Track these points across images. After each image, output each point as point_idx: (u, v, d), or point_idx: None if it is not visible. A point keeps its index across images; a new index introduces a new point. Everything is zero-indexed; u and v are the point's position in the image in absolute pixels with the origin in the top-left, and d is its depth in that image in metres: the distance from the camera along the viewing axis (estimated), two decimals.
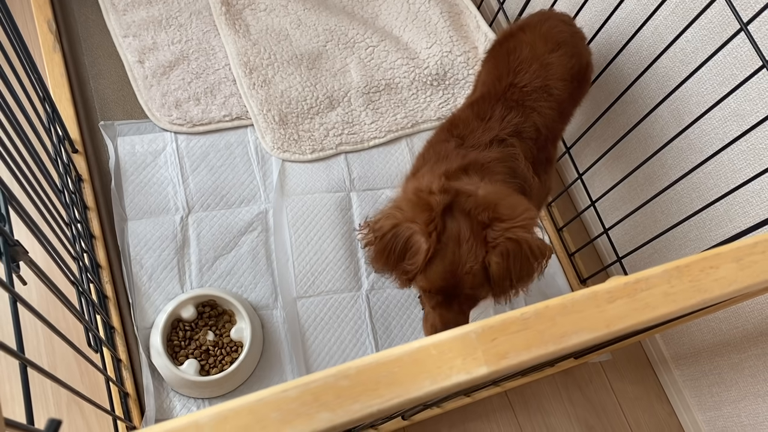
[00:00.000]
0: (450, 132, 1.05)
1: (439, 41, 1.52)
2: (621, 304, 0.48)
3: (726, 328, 1.24)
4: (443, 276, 0.86)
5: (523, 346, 0.45)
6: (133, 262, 1.31)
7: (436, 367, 0.44)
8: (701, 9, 0.99)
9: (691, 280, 0.50)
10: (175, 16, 1.51)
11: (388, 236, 0.89)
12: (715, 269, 0.50)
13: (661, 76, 1.21)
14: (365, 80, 1.49)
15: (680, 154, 1.22)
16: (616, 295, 0.48)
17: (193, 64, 1.47)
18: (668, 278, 0.50)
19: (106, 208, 1.33)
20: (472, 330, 0.45)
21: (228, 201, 1.39)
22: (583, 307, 0.47)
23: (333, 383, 0.42)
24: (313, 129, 1.45)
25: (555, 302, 0.47)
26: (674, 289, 0.49)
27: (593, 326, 0.47)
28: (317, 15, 1.55)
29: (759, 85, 1.02)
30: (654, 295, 0.49)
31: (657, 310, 0.48)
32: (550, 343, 0.46)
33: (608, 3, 1.27)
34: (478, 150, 0.99)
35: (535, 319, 0.46)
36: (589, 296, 0.48)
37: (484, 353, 0.44)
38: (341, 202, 1.42)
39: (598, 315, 0.47)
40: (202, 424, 0.40)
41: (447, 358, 0.44)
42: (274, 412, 0.41)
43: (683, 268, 0.50)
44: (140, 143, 1.40)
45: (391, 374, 0.43)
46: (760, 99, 1.03)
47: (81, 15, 1.49)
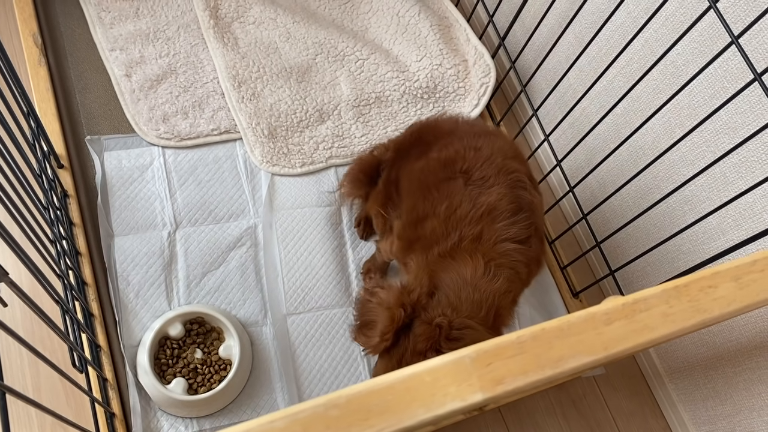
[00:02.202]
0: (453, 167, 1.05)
1: (429, 54, 1.52)
2: (619, 326, 0.47)
3: (720, 342, 1.23)
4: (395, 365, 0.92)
5: (520, 371, 0.44)
6: (120, 279, 1.28)
7: (429, 394, 0.42)
8: (692, 22, 0.99)
9: (690, 300, 0.48)
10: (162, 30, 1.50)
11: (363, 302, 0.97)
12: (714, 288, 0.49)
13: (652, 88, 1.20)
14: (355, 93, 1.48)
15: (673, 167, 1.21)
16: (613, 317, 0.47)
17: (181, 78, 1.46)
18: (667, 298, 0.48)
19: (92, 224, 1.31)
20: (467, 355, 0.44)
21: (216, 216, 1.37)
22: (580, 329, 0.46)
23: (322, 413, 0.40)
24: (303, 142, 1.44)
25: (551, 325, 0.46)
26: (673, 309, 0.48)
27: (591, 349, 0.45)
28: (306, 28, 1.54)
29: (750, 98, 1.02)
30: (653, 316, 0.47)
31: (656, 332, 0.47)
32: (547, 367, 0.44)
33: (599, 16, 1.27)
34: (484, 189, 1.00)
35: (532, 343, 0.45)
36: (586, 318, 0.46)
37: (479, 379, 0.43)
38: (331, 216, 1.40)
39: (595, 338, 0.46)
40: None
41: (441, 385, 0.42)
42: None
43: (682, 288, 0.49)
44: (127, 158, 1.38)
45: (383, 403, 0.41)
46: (751, 111, 1.03)
47: (67, 28, 1.48)
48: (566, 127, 1.45)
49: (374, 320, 0.94)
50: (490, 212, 0.97)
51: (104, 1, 1.50)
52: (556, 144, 1.48)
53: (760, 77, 0.90)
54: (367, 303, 0.96)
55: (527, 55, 1.50)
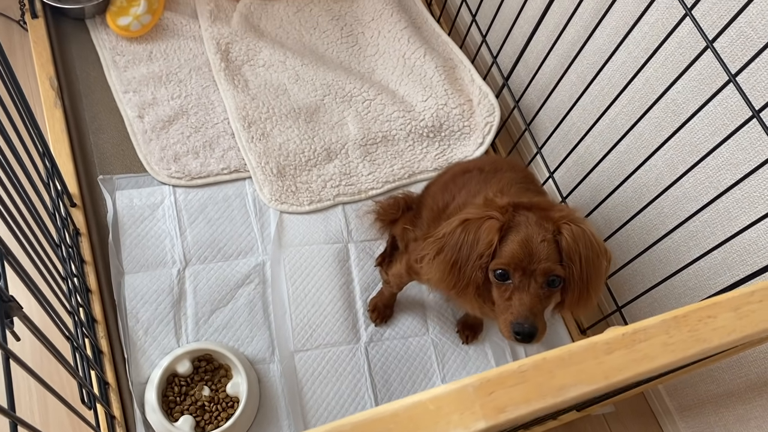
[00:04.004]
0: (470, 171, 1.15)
1: (435, 94, 1.55)
2: (619, 356, 0.47)
3: (729, 378, 1.23)
4: (520, 246, 0.88)
5: (522, 400, 0.44)
6: (129, 316, 1.30)
7: (433, 422, 0.43)
8: (690, 62, 1.02)
9: (689, 330, 0.49)
10: (175, 72, 1.54)
11: (457, 231, 0.91)
12: (713, 318, 0.50)
13: (654, 126, 1.22)
14: (362, 132, 1.51)
15: (677, 203, 1.22)
16: (614, 346, 0.48)
17: (192, 119, 1.49)
18: (666, 328, 0.49)
19: (103, 261, 1.33)
20: (470, 384, 0.44)
21: (225, 253, 1.39)
22: (581, 359, 0.47)
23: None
24: (311, 181, 1.46)
25: (553, 354, 0.47)
26: (673, 339, 0.49)
27: (592, 378, 0.46)
28: (315, 70, 1.58)
29: (751, 134, 1.04)
30: (653, 345, 0.48)
31: (656, 361, 0.47)
32: (549, 396, 0.45)
33: (600, 56, 1.29)
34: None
35: (533, 372, 0.46)
36: (587, 348, 0.47)
37: (481, 407, 0.44)
38: (339, 253, 1.42)
39: (596, 367, 0.47)
40: None
41: (444, 413, 0.43)
42: None
43: (681, 318, 0.50)
44: (138, 197, 1.41)
45: (387, 430, 0.42)
46: (752, 148, 1.04)
47: (83, 72, 1.52)
48: (570, 165, 1.47)
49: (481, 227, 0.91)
50: (502, 187, 1.06)
51: (119, 45, 1.55)
52: (561, 181, 1.50)
53: (758, 114, 0.92)
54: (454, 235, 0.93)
55: (531, 95, 1.53)
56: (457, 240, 0.90)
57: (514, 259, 0.88)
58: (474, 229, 0.89)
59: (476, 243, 0.89)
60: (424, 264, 0.96)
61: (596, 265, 0.90)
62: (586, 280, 0.89)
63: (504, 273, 0.89)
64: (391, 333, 1.38)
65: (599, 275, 0.91)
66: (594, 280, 0.90)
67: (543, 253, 0.88)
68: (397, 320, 1.39)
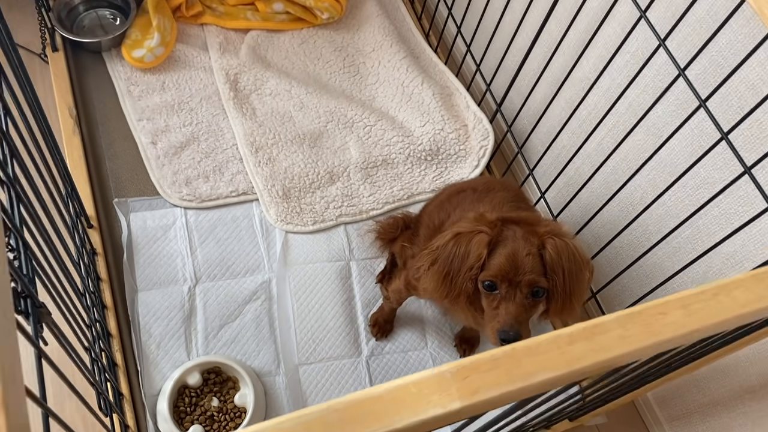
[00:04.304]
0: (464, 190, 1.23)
1: (432, 120, 1.63)
2: (580, 347, 0.54)
3: (714, 388, 1.28)
4: (507, 259, 0.95)
5: (493, 383, 0.51)
6: (143, 331, 1.37)
7: (414, 402, 0.49)
8: (665, 88, 1.09)
9: (643, 325, 0.56)
10: (186, 101, 1.63)
11: (450, 244, 0.98)
12: (664, 315, 0.57)
13: (637, 148, 1.29)
14: (363, 156, 1.59)
15: (660, 221, 1.29)
16: (575, 338, 0.54)
17: (203, 145, 1.58)
18: (623, 323, 0.56)
19: (117, 279, 1.40)
20: (447, 370, 0.51)
21: (233, 271, 1.46)
22: (546, 349, 0.53)
23: (323, 416, 0.48)
24: (315, 202, 1.54)
25: (521, 344, 0.53)
26: (628, 332, 0.55)
27: (555, 366, 0.53)
28: (319, 98, 1.66)
29: (724, 155, 1.11)
30: (610, 338, 0.55)
31: (612, 352, 0.54)
32: (518, 380, 0.52)
33: (587, 83, 1.37)
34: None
35: (504, 360, 0.52)
36: (551, 340, 0.54)
37: (457, 390, 0.50)
38: (341, 271, 1.49)
39: (559, 356, 0.53)
40: None
41: (424, 395, 0.50)
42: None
43: (636, 315, 0.56)
44: (152, 218, 1.49)
45: (375, 408, 0.49)
46: (726, 167, 1.11)
47: (99, 101, 1.61)
48: (561, 186, 1.54)
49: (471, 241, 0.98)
50: (494, 206, 1.14)
51: (133, 76, 1.64)
52: (553, 201, 1.57)
53: (727, 136, 1.00)
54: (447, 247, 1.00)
55: (523, 120, 1.61)
56: (450, 252, 0.97)
57: (501, 272, 0.95)
58: (465, 243, 0.96)
59: (467, 256, 0.96)
60: (420, 274, 1.03)
61: (578, 276, 0.97)
62: (569, 291, 0.96)
63: (492, 284, 0.96)
64: (391, 347, 1.44)
65: (581, 285, 0.97)
66: (576, 290, 0.97)
67: (528, 266, 0.95)
68: (396, 335, 1.46)
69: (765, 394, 1.18)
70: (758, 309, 0.59)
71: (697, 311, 0.58)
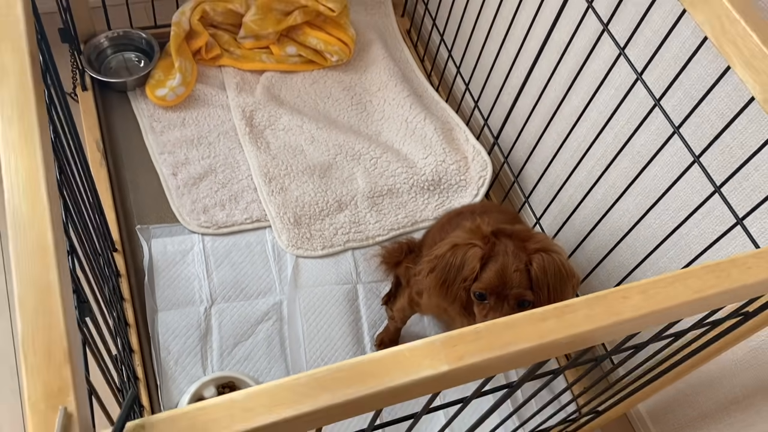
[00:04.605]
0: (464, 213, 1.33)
1: (434, 152, 1.74)
2: (551, 323, 0.63)
3: (703, 401, 1.35)
4: (496, 274, 1.04)
5: (477, 351, 0.60)
6: (162, 349, 1.45)
7: (408, 365, 0.58)
8: (642, 118, 1.20)
9: (606, 306, 0.65)
10: (205, 136, 1.75)
11: (447, 255, 1.08)
12: (626, 298, 0.66)
13: (624, 176, 1.39)
14: (370, 186, 1.70)
15: (646, 243, 1.38)
16: (547, 316, 0.63)
17: (220, 176, 1.69)
18: (589, 305, 0.65)
19: (139, 300, 1.50)
20: (437, 339, 0.60)
21: (247, 293, 1.55)
22: (522, 324, 0.62)
23: (333, 375, 0.57)
24: (324, 228, 1.64)
25: (501, 320, 0.62)
26: (593, 312, 0.64)
27: (530, 338, 0.62)
28: (328, 133, 1.78)
29: (701, 179, 1.20)
30: (577, 316, 0.64)
31: (579, 328, 0.63)
32: (497, 349, 0.61)
33: (575, 116, 1.48)
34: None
35: (486, 333, 0.61)
36: (527, 317, 0.63)
37: (446, 356, 0.59)
38: (349, 293, 1.58)
39: (533, 331, 0.62)
40: (236, 400, 0.54)
41: (417, 359, 0.59)
42: (289, 394, 0.56)
43: (601, 298, 0.65)
44: (171, 244, 1.59)
45: (375, 369, 0.58)
46: (703, 190, 1.21)
47: (124, 136, 1.74)
48: (556, 212, 1.64)
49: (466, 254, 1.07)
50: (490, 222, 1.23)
51: (156, 113, 1.77)
52: (548, 227, 1.66)
53: (698, 159, 1.10)
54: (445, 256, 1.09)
55: (518, 151, 1.72)
56: (447, 262, 1.07)
57: (490, 285, 1.05)
58: (461, 255, 1.06)
59: (462, 267, 1.06)
60: (420, 278, 1.13)
61: (563, 289, 1.06)
62: (553, 303, 1.06)
63: (482, 295, 1.05)
64: None
65: (565, 297, 1.06)
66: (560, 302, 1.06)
67: (515, 281, 1.04)
68: None
69: (748, 404, 1.25)
70: (708, 295, 0.68)
71: (654, 296, 0.67)
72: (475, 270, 1.06)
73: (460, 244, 1.08)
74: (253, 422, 0.54)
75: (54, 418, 0.51)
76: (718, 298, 0.69)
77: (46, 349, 0.54)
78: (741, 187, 1.14)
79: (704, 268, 0.70)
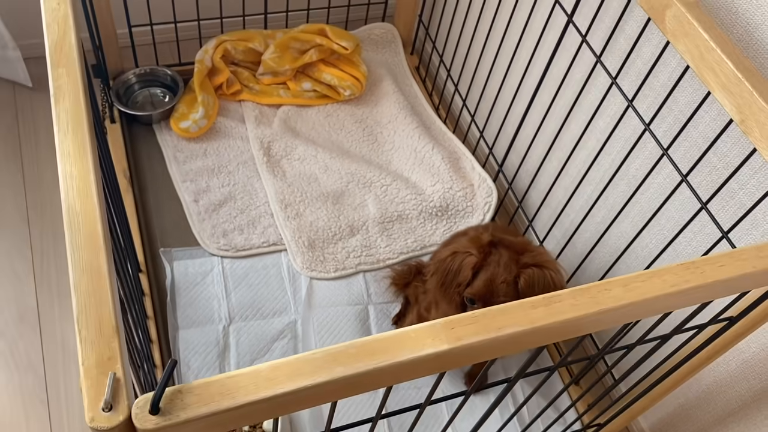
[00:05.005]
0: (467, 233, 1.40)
1: (442, 180, 1.83)
2: (541, 311, 0.71)
3: (700, 414, 1.40)
4: (485, 284, 1.14)
5: (473, 333, 0.68)
6: (182, 364, 1.53)
7: (413, 344, 0.66)
8: (634, 142, 1.29)
9: (590, 297, 0.72)
10: (225, 165, 1.85)
11: (447, 260, 1.18)
12: (608, 290, 0.73)
13: (622, 199, 1.47)
14: (380, 212, 1.79)
15: (644, 262, 1.45)
16: (537, 305, 0.71)
17: (239, 202, 1.79)
18: (574, 295, 0.72)
19: (162, 318, 1.58)
20: (438, 323, 0.68)
21: (263, 313, 1.63)
22: (514, 311, 0.70)
23: (345, 351, 0.65)
24: (337, 252, 1.72)
25: (495, 308, 0.70)
26: (578, 302, 0.72)
27: (521, 323, 0.69)
28: (341, 162, 1.88)
29: (693, 200, 1.28)
30: (564, 305, 0.71)
31: (565, 315, 0.70)
32: (492, 332, 0.68)
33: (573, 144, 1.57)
34: None
35: (482, 318, 0.69)
36: (518, 306, 0.71)
37: (446, 336, 0.67)
38: (360, 314, 1.65)
39: (524, 317, 0.70)
40: (261, 370, 0.62)
41: (420, 339, 0.66)
42: (308, 366, 0.63)
43: (585, 290, 0.73)
44: (192, 266, 1.68)
45: (383, 347, 0.65)
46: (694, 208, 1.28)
47: (149, 165, 1.84)
48: (559, 236, 1.71)
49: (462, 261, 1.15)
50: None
51: (179, 144, 1.88)
52: (551, 249, 1.73)
53: (686, 178, 1.18)
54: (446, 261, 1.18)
55: (522, 178, 1.81)
56: (446, 267, 1.16)
57: (479, 293, 1.14)
58: (458, 262, 1.15)
59: (458, 273, 1.15)
60: (427, 277, 1.22)
61: None
62: None
63: (472, 300, 1.14)
64: (407, 383, 1.58)
65: None
66: None
67: (502, 291, 1.14)
68: None
69: (744, 415, 1.30)
70: (683, 289, 0.75)
71: (634, 289, 0.74)
72: (468, 277, 1.15)
73: (459, 251, 1.17)
74: (275, 390, 0.61)
75: (105, 382, 0.59)
76: (693, 293, 0.77)
77: (97, 324, 0.63)
78: (728, 205, 1.21)
79: (680, 266, 0.77)
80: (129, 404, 0.59)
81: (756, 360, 1.24)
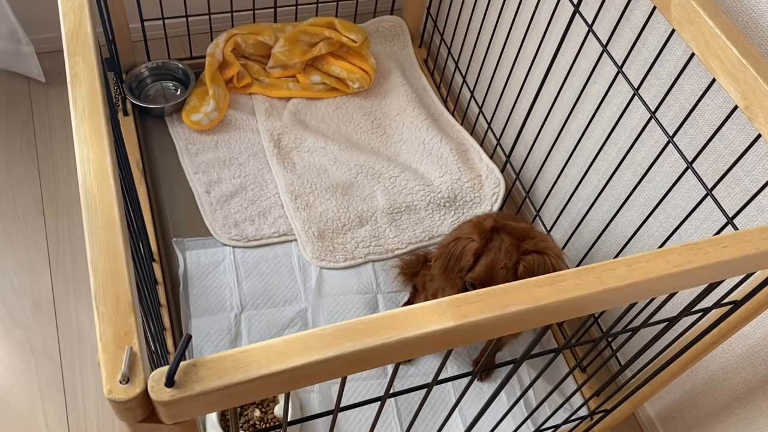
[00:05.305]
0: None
1: (450, 171, 1.85)
2: (545, 290, 0.72)
3: (707, 401, 1.41)
4: (485, 269, 1.16)
5: (479, 311, 0.69)
6: (195, 352, 1.55)
7: (419, 321, 0.68)
8: (640, 130, 1.30)
9: (595, 277, 0.74)
10: (236, 157, 1.88)
11: (450, 246, 1.21)
12: (612, 270, 0.75)
13: (629, 188, 1.48)
14: (389, 203, 1.81)
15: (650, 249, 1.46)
16: (541, 284, 0.72)
17: (250, 194, 1.81)
18: (579, 275, 0.74)
19: (175, 306, 1.60)
20: (444, 300, 0.70)
21: (274, 301, 1.65)
22: (519, 290, 0.72)
23: (354, 326, 0.67)
24: (346, 242, 1.74)
25: (500, 287, 0.72)
26: (583, 281, 0.73)
27: (525, 302, 0.71)
28: (350, 153, 1.90)
29: (699, 188, 1.29)
30: (568, 285, 0.73)
31: (569, 294, 0.72)
32: (497, 310, 0.70)
33: (580, 134, 1.58)
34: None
35: (486, 296, 0.71)
36: (523, 284, 0.72)
37: (452, 313, 0.69)
38: (369, 302, 1.67)
39: (529, 295, 0.71)
40: (273, 344, 0.64)
41: (427, 316, 0.68)
42: (318, 341, 0.65)
43: (590, 269, 0.74)
44: (204, 255, 1.70)
45: (391, 324, 0.67)
46: (698, 195, 1.29)
47: (162, 157, 1.87)
48: (566, 225, 1.73)
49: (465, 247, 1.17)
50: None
51: (191, 136, 1.90)
52: (559, 239, 1.74)
53: (691, 165, 1.19)
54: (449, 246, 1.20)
55: (529, 169, 1.82)
56: (449, 252, 1.19)
57: (479, 278, 1.17)
58: (461, 247, 1.17)
59: (459, 259, 1.17)
60: (432, 262, 1.24)
61: None
62: None
63: (473, 284, 1.16)
64: (414, 371, 1.60)
65: None
66: None
67: (501, 277, 1.16)
68: (419, 360, 1.62)
69: (750, 400, 1.31)
70: (687, 270, 0.76)
71: (638, 269, 0.76)
72: (469, 263, 1.17)
73: (461, 237, 1.19)
74: (287, 364, 0.63)
75: (122, 356, 0.62)
76: (697, 273, 0.78)
77: (114, 301, 0.65)
78: (734, 192, 1.22)
79: (684, 247, 0.78)
80: (145, 377, 0.61)
81: (761, 346, 1.25)
